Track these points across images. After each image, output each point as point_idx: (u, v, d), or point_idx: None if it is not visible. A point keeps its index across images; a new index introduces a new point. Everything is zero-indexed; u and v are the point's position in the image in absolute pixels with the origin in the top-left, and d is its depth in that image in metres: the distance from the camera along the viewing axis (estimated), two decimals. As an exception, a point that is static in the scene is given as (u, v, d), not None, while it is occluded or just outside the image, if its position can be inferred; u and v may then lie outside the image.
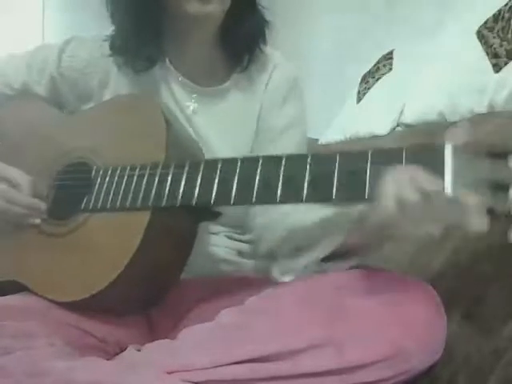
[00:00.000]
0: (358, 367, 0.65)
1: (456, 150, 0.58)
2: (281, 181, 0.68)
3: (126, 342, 0.80)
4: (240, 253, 0.97)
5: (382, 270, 0.72)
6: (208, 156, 0.89)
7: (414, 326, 0.66)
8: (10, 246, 0.89)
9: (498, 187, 0.56)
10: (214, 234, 0.95)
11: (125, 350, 0.76)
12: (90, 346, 0.78)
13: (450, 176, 0.58)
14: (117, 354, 0.77)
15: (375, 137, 1.63)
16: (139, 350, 0.74)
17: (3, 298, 0.81)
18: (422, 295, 0.69)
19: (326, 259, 0.75)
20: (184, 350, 0.69)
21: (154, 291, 0.83)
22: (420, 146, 0.62)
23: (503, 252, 0.77)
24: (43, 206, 0.87)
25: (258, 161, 0.71)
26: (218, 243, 0.95)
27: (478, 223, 0.54)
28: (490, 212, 0.55)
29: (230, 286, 0.91)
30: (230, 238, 0.97)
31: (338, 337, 0.65)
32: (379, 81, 1.77)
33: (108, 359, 0.73)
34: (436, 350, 0.69)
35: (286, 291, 0.72)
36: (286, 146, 0.95)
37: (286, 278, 0.76)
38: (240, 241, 0.98)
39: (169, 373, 0.66)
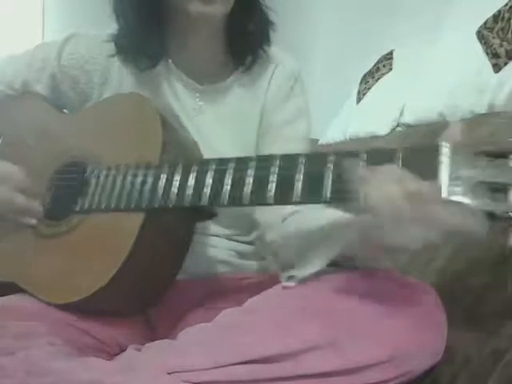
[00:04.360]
0: (360, 368, 0.65)
1: (453, 151, 0.56)
2: (274, 181, 0.66)
3: (126, 342, 0.80)
4: (241, 254, 0.97)
5: (382, 270, 0.72)
6: (211, 155, 0.89)
7: (415, 327, 0.66)
8: (6, 246, 0.89)
9: (497, 189, 0.54)
10: (214, 235, 0.94)
11: (125, 350, 0.76)
12: (89, 346, 0.78)
13: (446, 178, 0.55)
14: (117, 354, 0.77)
15: (375, 137, 1.63)
16: (139, 350, 0.74)
17: (3, 298, 0.81)
18: (422, 296, 0.68)
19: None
20: (184, 350, 0.69)
21: (149, 292, 0.83)
22: (415, 146, 0.59)
23: (503, 254, 0.77)
24: (40, 206, 0.87)
25: (251, 161, 0.69)
26: (219, 245, 0.95)
27: (479, 227, 0.52)
28: (490, 215, 0.53)
29: (231, 287, 0.91)
30: (230, 239, 0.96)
31: (339, 338, 0.65)
32: (379, 81, 1.77)
33: (108, 359, 0.73)
34: (437, 351, 0.68)
35: (286, 292, 0.72)
36: (290, 139, 0.95)
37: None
38: (241, 242, 0.98)
39: (169, 373, 0.66)
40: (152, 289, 0.83)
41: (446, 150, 0.57)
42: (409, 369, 0.66)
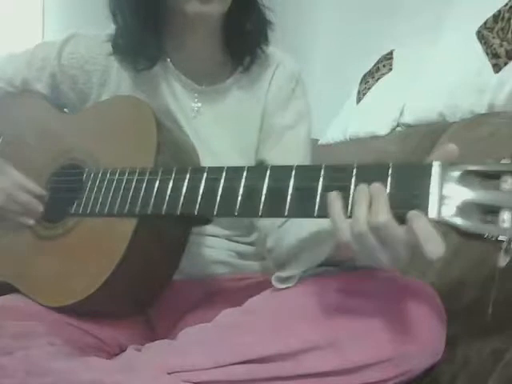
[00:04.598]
0: (359, 368, 0.65)
1: (444, 171, 0.55)
2: (263, 193, 0.65)
3: (126, 342, 0.80)
4: (241, 255, 0.97)
5: (382, 270, 0.72)
6: (209, 157, 0.89)
7: (415, 326, 0.66)
8: (4, 246, 0.89)
9: (488, 211, 0.53)
10: (214, 236, 0.94)
11: (125, 350, 0.76)
12: (90, 346, 0.78)
13: (436, 197, 0.54)
14: (117, 354, 0.77)
15: (375, 137, 1.63)
16: (139, 350, 0.74)
17: (2, 297, 0.82)
18: (422, 295, 0.68)
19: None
20: (184, 350, 0.69)
21: (144, 294, 0.83)
22: (407, 163, 0.58)
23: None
24: (40, 207, 0.87)
25: (243, 171, 0.68)
26: (218, 245, 0.95)
27: (434, 249, 0.52)
28: (479, 236, 0.52)
29: (230, 287, 0.91)
30: (230, 240, 0.96)
31: (339, 338, 0.65)
32: (379, 81, 1.77)
33: (108, 359, 0.73)
34: (437, 351, 0.68)
35: (286, 292, 0.72)
36: (291, 143, 0.95)
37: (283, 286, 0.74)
38: (241, 243, 0.98)
39: (169, 373, 0.66)
40: (147, 291, 0.83)
41: (437, 170, 0.55)
42: (408, 368, 0.66)
